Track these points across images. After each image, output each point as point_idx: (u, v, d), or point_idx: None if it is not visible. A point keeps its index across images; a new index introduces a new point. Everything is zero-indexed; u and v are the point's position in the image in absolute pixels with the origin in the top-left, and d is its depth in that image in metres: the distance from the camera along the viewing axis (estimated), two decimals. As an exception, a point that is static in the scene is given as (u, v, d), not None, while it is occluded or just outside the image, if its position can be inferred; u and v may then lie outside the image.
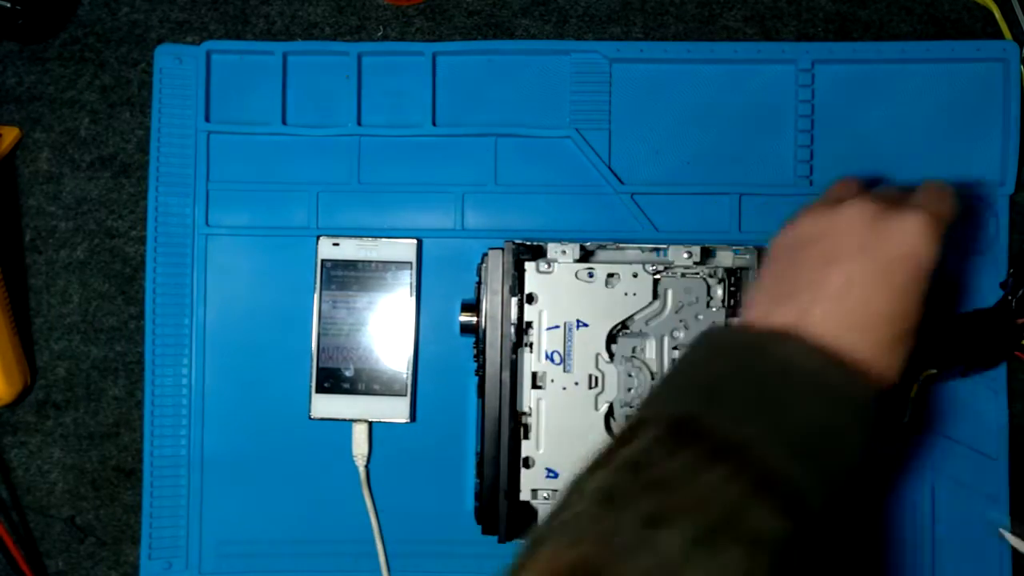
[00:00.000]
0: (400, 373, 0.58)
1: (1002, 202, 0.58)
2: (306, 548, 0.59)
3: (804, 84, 0.59)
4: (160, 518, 0.59)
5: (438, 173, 0.59)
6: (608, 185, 0.59)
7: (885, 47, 0.58)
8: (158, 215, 0.59)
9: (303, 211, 0.59)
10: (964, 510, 0.58)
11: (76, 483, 0.61)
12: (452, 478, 0.59)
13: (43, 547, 0.61)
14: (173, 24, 0.62)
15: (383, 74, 0.60)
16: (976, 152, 0.59)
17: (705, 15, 0.61)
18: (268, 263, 0.59)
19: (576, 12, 0.61)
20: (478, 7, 0.61)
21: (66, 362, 0.61)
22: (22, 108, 0.61)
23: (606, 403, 0.54)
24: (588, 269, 0.54)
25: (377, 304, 0.58)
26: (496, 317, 0.53)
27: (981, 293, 0.58)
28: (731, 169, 0.59)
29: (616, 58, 0.59)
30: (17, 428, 0.61)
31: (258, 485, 0.59)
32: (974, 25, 0.60)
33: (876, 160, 0.59)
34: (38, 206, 0.61)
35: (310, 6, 0.61)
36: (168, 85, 0.60)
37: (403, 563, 0.59)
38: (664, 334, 0.54)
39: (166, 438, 0.59)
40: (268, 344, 0.59)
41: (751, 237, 0.58)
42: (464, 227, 0.59)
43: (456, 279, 0.59)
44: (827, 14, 0.61)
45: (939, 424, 0.58)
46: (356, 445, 0.58)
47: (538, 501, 0.54)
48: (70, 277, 0.61)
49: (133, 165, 0.61)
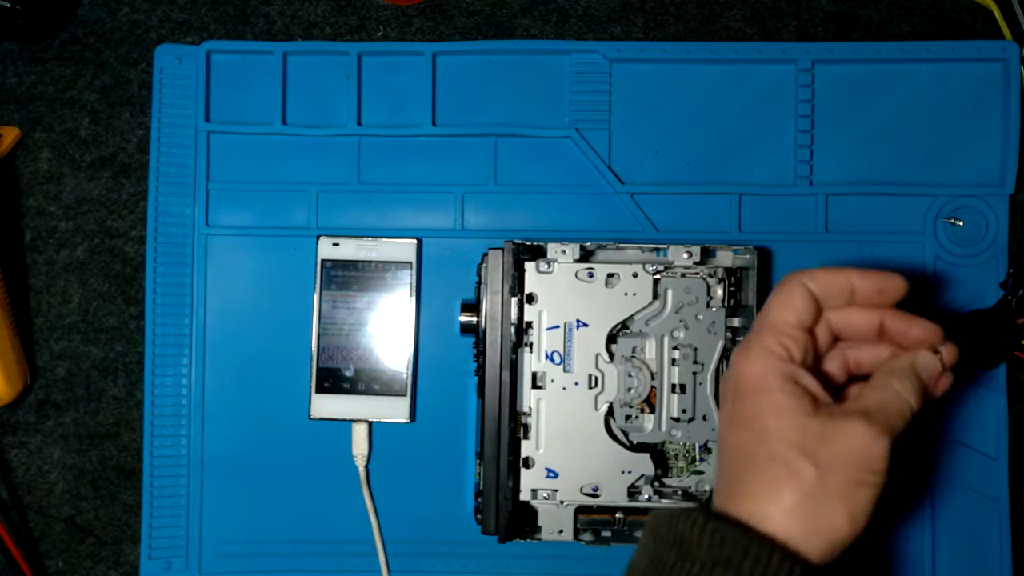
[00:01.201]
0: (400, 373, 0.58)
1: (1002, 202, 0.58)
2: (306, 548, 0.59)
3: (804, 84, 0.59)
4: (160, 518, 0.59)
5: (438, 173, 0.59)
6: (608, 185, 0.59)
7: (885, 47, 0.58)
8: (158, 215, 0.59)
9: (303, 211, 0.59)
10: (964, 510, 0.58)
11: (76, 483, 0.61)
12: (452, 478, 0.59)
13: (43, 547, 0.61)
14: (173, 24, 0.62)
15: (383, 74, 0.60)
16: (976, 152, 0.59)
17: (705, 15, 0.61)
18: (268, 263, 0.59)
19: (576, 12, 0.61)
20: (478, 7, 0.61)
21: (66, 362, 0.61)
22: (22, 108, 0.61)
23: (606, 403, 0.54)
24: (588, 269, 0.54)
25: (377, 304, 0.58)
26: (496, 317, 0.53)
27: (981, 293, 0.58)
28: (731, 169, 0.59)
29: (616, 58, 0.59)
30: (17, 428, 0.61)
31: (258, 485, 0.59)
32: (974, 25, 0.60)
33: (876, 160, 0.59)
34: (38, 206, 0.61)
35: (310, 6, 0.61)
36: (168, 85, 0.60)
37: (403, 563, 0.59)
38: (664, 334, 0.54)
39: (166, 438, 0.59)
40: (268, 344, 0.59)
41: (751, 237, 0.58)
42: (464, 227, 0.59)
43: (456, 279, 0.59)
44: (827, 14, 0.61)
45: (939, 424, 0.58)
46: (356, 445, 0.58)
47: (538, 501, 0.54)
48: (70, 277, 0.61)
49: (133, 165, 0.61)
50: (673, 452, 0.55)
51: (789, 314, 0.40)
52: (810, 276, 0.41)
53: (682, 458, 0.55)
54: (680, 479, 0.55)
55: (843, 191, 0.58)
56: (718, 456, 0.41)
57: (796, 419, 0.37)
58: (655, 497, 0.53)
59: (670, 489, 0.55)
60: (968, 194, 0.58)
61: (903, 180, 0.58)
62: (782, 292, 0.41)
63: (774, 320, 0.40)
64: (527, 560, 0.58)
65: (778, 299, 0.41)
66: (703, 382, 0.54)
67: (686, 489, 0.55)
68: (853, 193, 0.58)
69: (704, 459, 0.54)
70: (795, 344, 0.39)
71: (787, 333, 0.39)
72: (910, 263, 0.58)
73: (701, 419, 0.54)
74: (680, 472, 0.55)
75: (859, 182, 0.59)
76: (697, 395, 0.54)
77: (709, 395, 0.54)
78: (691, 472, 0.55)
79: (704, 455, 0.54)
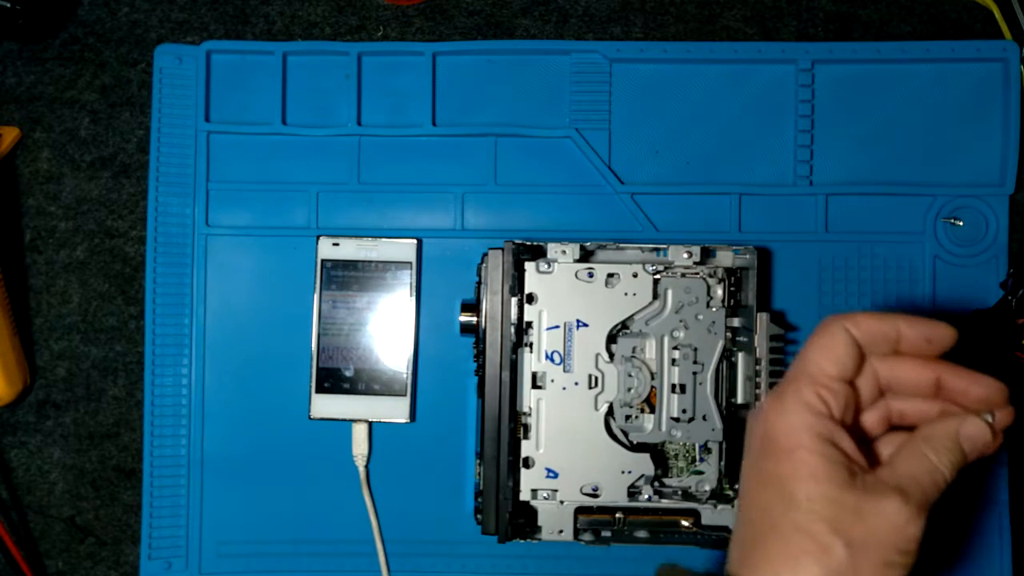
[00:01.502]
0: (400, 373, 0.58)
1: (1002, 202, 0.58)
2: (306, 548, 0.59)
3: (804, 84, 0.59)
4: (160, 518, 0.59)
5: (438, 173, 0.59)
6: (608, 185, 0.59)
7: (885, 47, 0.58)
8: (158, 215, 0.59)
9: (303, 211, 0.59)
10: (964, 510, 0.58)
11: (76, 483, 0.61)
12: (452, 478, 0.59)
13: (43, 547, 0.61)
14: (173, 24, 0.62)
15: (383, 74, 0.60)
16: (976, 152, 0.59)
17: (705, 15, 0.61)
18: (268, 263, 0.59)
19: (576, 12, 0.61)
20: (478, 7, 0.61)
21: (66, 362, 0.61)
22: (22, 108, 0.61)
23: (606, 403, 0.54)
24: (588, 269, 0.54)
25: (377, 304, 0.58)
26: (496, 317, 0.53)
27: (981, 293, 0.58)
28: (731, 169, 0.59)
29: (616, 58, 0.59)
30: (17, 428, 0.61)
31: (258, 485, 0.59)
32: (974, 25, 0.60)
33: (876, 160, 0.59)
34: (38, 206, 0.61)
35: (310, 6, 0.61)
36: (168, 85, 0.60)
37: (403, 563, 0.59)
38: (664, 334, 0.54)
39: (166, 438, 0.59)
40: (268, 344, 0.59)
41: (751, 237, 0.58)
42: (464, 227, 0.59)
43: (456, 279, 0.59)
44: (827, 14, 0.61)
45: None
46: (356, 445, 0.58)
47: (538, 501, 0.54)
48: (70, 277, 0.61)
49: (133, 165, 0.61)
50: (673, 452, 0.55)
51: (830, 363, 0.36)
52: (853, 321, 0.36)
53: (682, 458, 0.55)
54: (680, 479, 0.55)
55: (843, 191, 0.58)
56: (738, 510, 0.38)
57: (830, 490, 0.34)
58: (655, 497, 0.53)
59: (670, 489, 0.55)
60: (968, 194, 0.58)
61: (903, 180, 0.58)
62: (823, 337, 0.36)
63: (813, 369, 0.36)
64: (527, 560, 0.58)
65: (817, 345, 0.36)
66: (703, 382, 0.54)
67: (686, 489, 0.55)
68: (853, 193, 0.58)
69: (704, 459, 0.54)
70: (835, 398, 0.36)
71: (827, 385, 0.36)
72: (910, 263, 0.58)
73: (701, 419, 0.54)
74: (680, 472, 0.55)
75: (859, 182, 0.59)
76: (697, 395, 0.54)
77: (709, 395, 0.54)
78: (691, 472, 0.55)
79: (704, 455, 0.54)
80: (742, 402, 0.54)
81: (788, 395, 0.36)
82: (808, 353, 0.37)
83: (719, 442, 0.54)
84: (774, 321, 0.53)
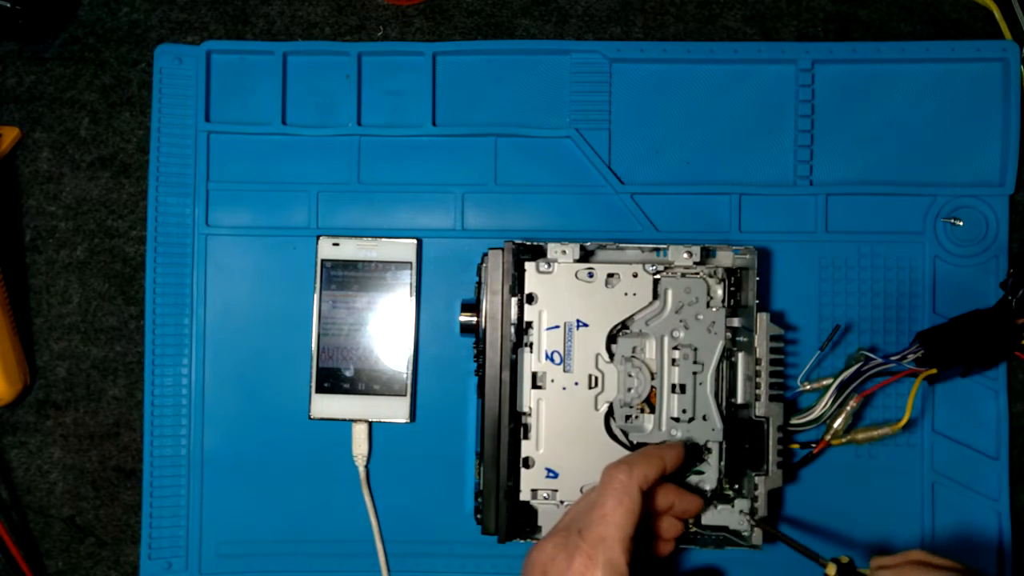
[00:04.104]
0: (400, 373, 0.58)
1: (1002, 202, 0.58)
2: (306, 548, 0.59)
3: (804, 84, 0.59)
4: (160, 518, 0.59)
5: (438, 173, 0.59)
6: (608, 185, 0.59)
7: (885, 47, 0.58)
8: (158, 215, 0.59)
9: (303, 211, 0.59)
10: (964, 510, 0.58)
11: (76, 483, 0.61)
12: (452, 478, 0.59)
13: (43, 547, 0.61)
14: (173, 24, 0.62)
15: (383, 74, 0.60)
16: (976, 152, 0.59)
17: (705, 15, 0.61)
18: (268, 263, 0.59)
19: (576, 12, 0.61)
20: (478, 7, 0.61)
21: (66, 362, 0.61)
22: (22, 108, 0.61)
23: (606, 403, 0.54)
24: (588, 269, 0.54)
25: (377, 304, 0.58)
26: (496, 317, 0.53)
27: (981, 293, 0.58)
28: (731, 169, 0.59)
29: (616, 58, 0.59)
30: (17, 428, 0.61)
31: (258, 485, 0.59)
32: (974, 25, 0.60)
33: (876, 160, 0.59)
34: (38, 206, 0.61)
35: (310, 6, 0.61)
36: (168, 85, 0.60)
37: (403, 563, 0.59)
38: (664, 334, 0.54)
39: (166, 438, 0.59)
40: (268, 344, 0.59)
41: (751, 237, 0.58)
42: (464, 227, 0.59)
43: (456, 279, 0.59)
44: (827, 14, 0.61)
45: (939, 424, 0.58)
46: (356, 445, 0.58)
47: (538, 501, 0.54)
48: (70, 277, 0.61)
49: (133, 165, 0.61)
50: (673, 452, 0.55)
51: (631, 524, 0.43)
52: (642, 478, 0.44)
53: (682, 458, 0.55)
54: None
55: (843, 191, 0.58)
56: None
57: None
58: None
59: (670, 489, 0.55)
60: (968, 194, 0.58)
61: (903, 180, 0.58)
62: (623, 498, 0.43)
63: (621, 535, 0.42)
64: (527, 560, 0.58)
65: (622, 507, 0.43)
66: (703, 382, 0.54)
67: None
68: (853, 193, 0.58)
69: (704, 459, 0.54)
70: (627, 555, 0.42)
71: (629, 546, 0.42)
72: (910, 263, 0.58)
73: (701, 419, 0.54)
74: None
75: (859, 182, 0.59)
76: (697, 395, 0.54)
77: (709, 395, 0.54)
78: (691, 472, 0.55)
79: (704, 455, 0.54)
80: (742, 402, 0.54)
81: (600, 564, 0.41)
82: (610, 516, 0.43)
83: (719, 442, 0.54)
84: (774, 321, 0.53)
